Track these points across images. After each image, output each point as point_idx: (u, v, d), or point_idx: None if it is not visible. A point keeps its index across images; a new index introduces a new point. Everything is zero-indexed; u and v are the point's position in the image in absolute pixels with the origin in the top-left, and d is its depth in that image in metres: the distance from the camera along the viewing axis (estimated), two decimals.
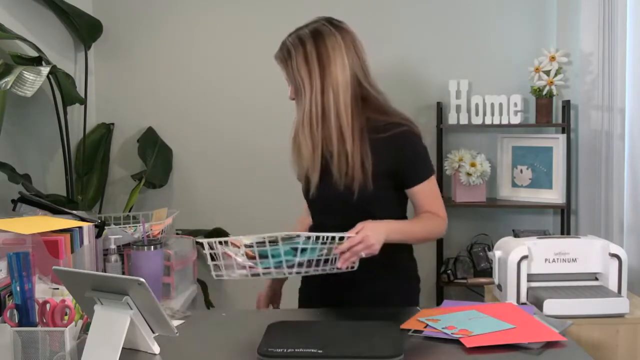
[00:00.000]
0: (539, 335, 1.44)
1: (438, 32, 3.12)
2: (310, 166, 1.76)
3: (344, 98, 1.72)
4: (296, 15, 3.16)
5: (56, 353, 1.39)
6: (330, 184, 1.76)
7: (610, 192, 2.67)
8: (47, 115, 2.85)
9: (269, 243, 1.53)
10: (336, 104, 1.71)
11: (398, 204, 1.84)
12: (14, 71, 2.23)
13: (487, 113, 2.96)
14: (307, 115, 1.73)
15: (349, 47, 1.74)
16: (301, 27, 1.78)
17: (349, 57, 1.73)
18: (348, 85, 1.72)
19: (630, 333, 1.81)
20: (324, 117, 1.72)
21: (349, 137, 1.71)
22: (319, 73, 1.71)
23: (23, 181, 2.50)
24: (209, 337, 1.55)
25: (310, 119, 1.72)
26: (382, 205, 1.77)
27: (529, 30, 3.09)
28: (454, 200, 3.02)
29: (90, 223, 1.92)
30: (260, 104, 3.22)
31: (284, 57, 1.76)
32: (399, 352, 1.35)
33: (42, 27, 2.90)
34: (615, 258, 1.88)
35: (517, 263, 1.87)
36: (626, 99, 2.66)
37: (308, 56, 1.72)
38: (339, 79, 1.71)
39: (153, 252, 1.97)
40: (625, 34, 2.64)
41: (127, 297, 1.31)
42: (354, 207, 1.74)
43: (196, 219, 3.21)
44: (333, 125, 1.72)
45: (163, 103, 3.26)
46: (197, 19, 3.21)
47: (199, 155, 3.26)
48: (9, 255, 1.43)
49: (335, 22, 1.79)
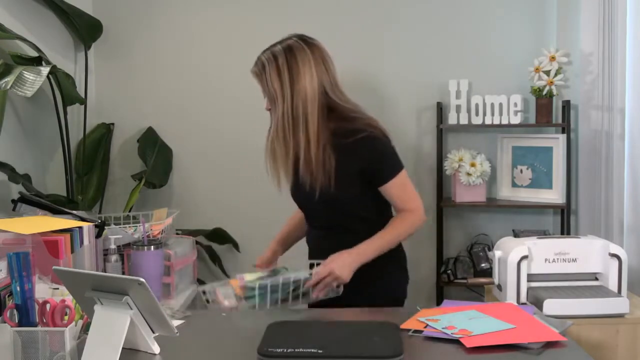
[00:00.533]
0: (539, 335, 1.44)
1: (438, 32, 3.12)
2: (284, 170, 1.93)
3: (312, 107, 1.86)
4: (296, 15, 3.19)
5: (56, 353, 1.39)
6: (300, 185, 1.93)
7: (610, 192, 2.67)
8: (47, 115, 2.85)
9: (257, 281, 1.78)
10: (304, 113, 1.86)
11: (375, 202, 1.96)
12: (14, 71, 2.23)
13: (487, 113, 2.96)
14: (280, 122, 1.88)
15: (318, 62, 1.89)
16: (275, 43, 1.93)
17: (318, 71, 1.88)
18: (315, 96, 1.87)
19: (630, 333, 1.81)
20: (295, 125, 1.87)
21: (314, 142, 1.86)
22: (289, 85, 1.86)
23: (23, 181, 2.50)
24: (209, 337, 1.55)
25: (283, 126, 1.88)
26: (357, 204, 1.93)
27: (529, 30, 3.09)
28: (454, 200, 3.02)
29: (90, 223, 1.92)
30: (260, 104, 3.18)
31: (259, 71, 1.93)
32: (399, 352, 1.35)
33: (42, 27, 2.90)
34: (615, 258, 1.88)
35: (517, 263, 1.87)
36: (626, 99, 2.66)
37: (280, 69, 1.87)
38: (307, 90, 1.86)
39: (153, 252, 1.97)
40: (625, 34, 2.64)
41: (127, 297, 1.31)
42: (334, 208, 1.93)
43: (196, 219, 3.21)
44: (301, 131, 1.86)
45: (163, 103, 3.26)
46: (197, 19, 3.21)
47: (199, 155, 3.26)
48: (9, 255, 1.43)
49: (307, 38, 1.93)
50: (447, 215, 3.09)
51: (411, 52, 3.13)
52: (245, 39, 3.19)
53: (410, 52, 3.13)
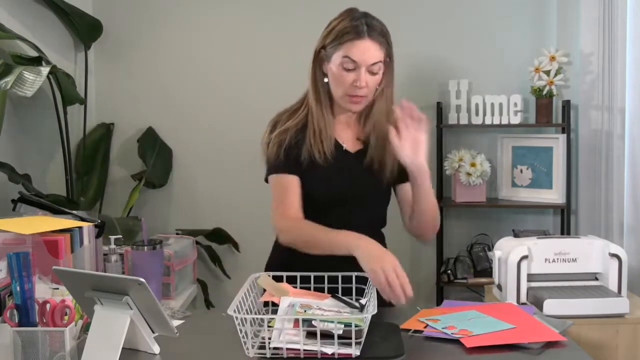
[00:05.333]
0: (539, 335, 1.44)
1: (438, 32, 3.12)
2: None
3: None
4: (296, 15, 3.19)
5: (56, 353, 1.39)
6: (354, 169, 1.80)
7: (610, 192, 2.68)
8: (47, 115, 2.85)
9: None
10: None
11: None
12: (14, 71, 2.23)
13: (487, 113, 2.96)
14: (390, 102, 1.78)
15: None
16: (365, 13, 1.77)
17: None
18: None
19: (630, 333, 1.81)
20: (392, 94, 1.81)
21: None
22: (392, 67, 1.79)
23: (23, 181, 2.50)
24: (209, 337, 1.55)
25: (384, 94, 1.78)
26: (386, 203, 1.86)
27: (529, 30, 3.09)
28: (454, 200, 3.02)
29: (90, 223, 1.92)
30: (260, 104, 3.20)
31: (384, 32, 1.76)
32: (400, 352, 1.35)
33: (42, 27, 2.90)
34: (615, 258, 1.88)
35: (517, 263, 1.87)
36: (626, 99, 2.66)
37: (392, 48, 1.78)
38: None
39: (153, 252, 1.97)
40: (625, 34, 2.64)
41: (127, 297, 1.31)
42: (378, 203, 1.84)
43: (196, 219, 3.21)
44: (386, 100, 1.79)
45: (163, 103, 3.26)
46: (197, 18, 3.22)
47: (199, 155, 3.27)
48: (9, 255, 1.42)
49: None
50: (447, 215, 3.09)
51: (411, 52, 3.12)
52: (245, 39, 3.19)
53: (410, 52, 3.12)
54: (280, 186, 1.78)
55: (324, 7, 3.14)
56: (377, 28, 1.73)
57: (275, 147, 1.79)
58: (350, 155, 1.82)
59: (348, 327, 1.32)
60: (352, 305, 1.52)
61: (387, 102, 1.79)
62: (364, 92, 1.72)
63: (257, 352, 1.35)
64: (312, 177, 1.77)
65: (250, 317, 1.33)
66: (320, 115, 1.77)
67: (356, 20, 1.71)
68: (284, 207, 1.75)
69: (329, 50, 1.73)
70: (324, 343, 1.32)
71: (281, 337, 1.34)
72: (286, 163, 1.78)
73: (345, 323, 1.34)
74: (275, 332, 1.35)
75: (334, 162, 1.77)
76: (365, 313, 1.39)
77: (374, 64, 1.71)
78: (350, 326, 1.31)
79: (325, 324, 1.34)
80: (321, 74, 1.78)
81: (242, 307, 1.42)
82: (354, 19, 1.72)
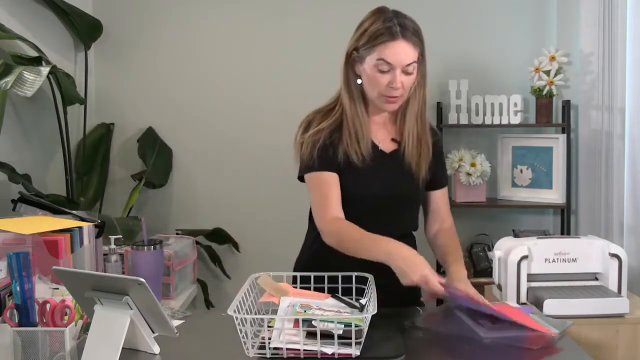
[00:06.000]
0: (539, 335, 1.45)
1: (438, 32, 3.11)
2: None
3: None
4: (296, 15, 3.19)
5: (56, 353, 1.39)
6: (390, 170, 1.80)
7: (610, 192, 2.67)
8: (47, 115, 2.85)
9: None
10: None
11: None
12: (14, 71, 2.23)
13: (487, 113, 2.96)
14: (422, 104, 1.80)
15: None
16: (398, 12, 1.76)
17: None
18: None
19: (630, 333, 1.81)
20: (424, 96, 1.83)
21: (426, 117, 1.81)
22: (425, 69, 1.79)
23: (23, 181, 2.50)
24: (209, 337, 1.55)
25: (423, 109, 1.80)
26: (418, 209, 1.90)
27: (529, 30, 3.09)
28: (454, 200, 3.02)
29: (90, 223, 1.92)
30: (260, 104, 3.22)
31: (417, 30, 1.76)
32: (401, 352, 1.35)
33: (42, 27, 2.90)
34: (615, 258, 1.88)
35: (517, 263, 1.87)
36: (626, 99, 2.65)
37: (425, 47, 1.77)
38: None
39: (153, 252, 1.97)
40: (625, 33, 2.64)
41: (127, 297, 1.31)
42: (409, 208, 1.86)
43: (196, 219, 3.21)
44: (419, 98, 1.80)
45: (163, 103, 3.26)
46: (197, 19, 3.22)
47: (199, 155, 3.27)
48: (9, 255, 1.42)
49: None
50: None
51: None
52: (246, 39, 3.19)
53: None
54: (320, 184, 1.75)
55: (324, 7, 3.17)
56: (410, 27, 1.71)
57: (309, 147, 1.76)
58: (386, 156, 1.80)
59: (348, 327, 1.32)
60: (352, 305, 1.52)
61: (419, 103, 1.79)
62: (399, 92, 1.71)
63: (257, 352, 1.35)
64: (349, 177, 1.76)
65: (250, 317, 1.34)
66: (355, 116, 1.75)
67: (389, 22, 1.68)
68: (326, 209, 1.73)
69: (362, 52, 1.71)
70: (324, 343, 1.32)
71: (281, 337, 1.34)
72: (322, 161, 1.75)
73: (345, 323, 1.34)
74: (275, 332, 1.35)
75: (371, 163, 1.76)
76: (365, 313, 1.40)
77: (409, 64, 1.70)
78: (350, 326, 1.31)
79: (325, 324, 1.34)
80: (354, 76, 1.76)
81: (242, 307, 1.42)
82: (387, 20, 1.69)
